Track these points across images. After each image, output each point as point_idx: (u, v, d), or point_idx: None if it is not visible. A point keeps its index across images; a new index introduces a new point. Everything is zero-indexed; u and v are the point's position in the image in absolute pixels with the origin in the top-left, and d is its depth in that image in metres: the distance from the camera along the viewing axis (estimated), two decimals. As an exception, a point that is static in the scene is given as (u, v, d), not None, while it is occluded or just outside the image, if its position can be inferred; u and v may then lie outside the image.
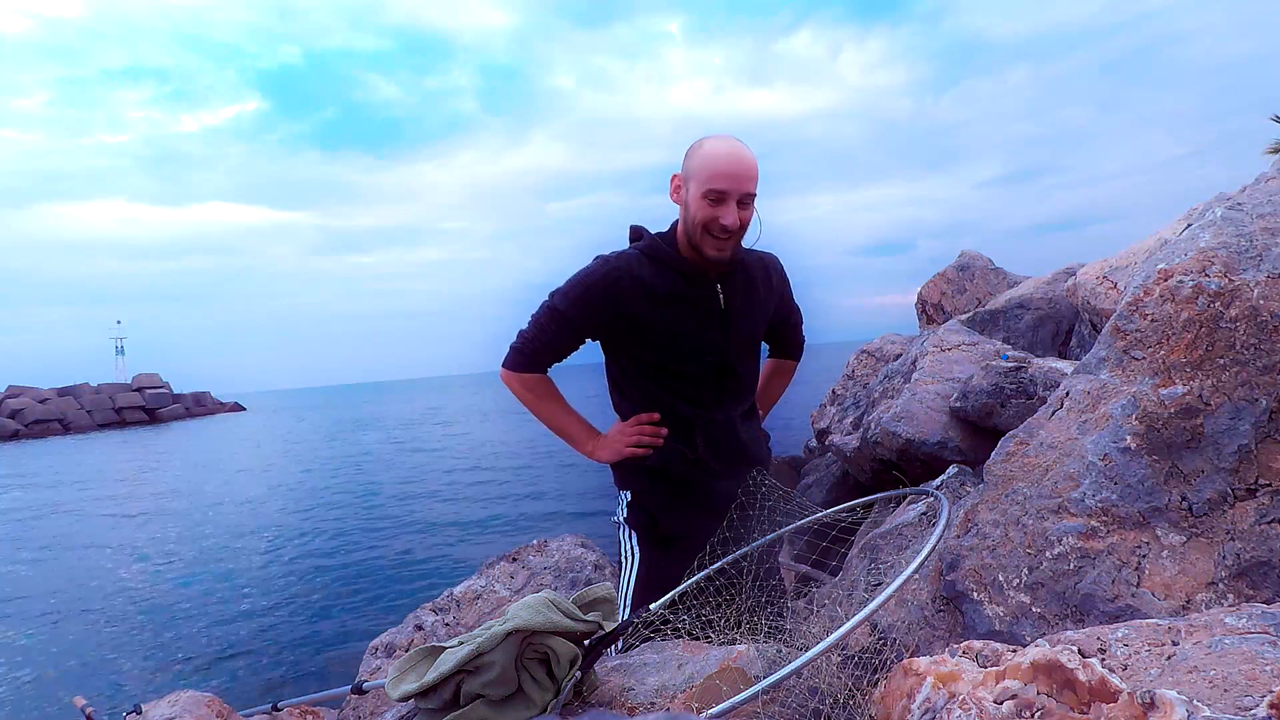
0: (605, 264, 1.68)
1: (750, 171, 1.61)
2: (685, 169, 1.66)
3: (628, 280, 1.65)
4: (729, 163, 1.59)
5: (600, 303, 1.67)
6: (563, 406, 1.83)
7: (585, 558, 2.69)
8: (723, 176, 1.58)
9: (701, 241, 1.63)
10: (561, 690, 1.13)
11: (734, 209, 1.59)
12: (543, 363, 1.78)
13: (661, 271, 1.68)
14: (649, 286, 1.66)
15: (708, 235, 1.62)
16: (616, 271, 1.66)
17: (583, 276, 1.69)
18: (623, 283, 1.65)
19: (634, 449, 1.73)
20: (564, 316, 1.70)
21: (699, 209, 1.60)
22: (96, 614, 7.28)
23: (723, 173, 1.58)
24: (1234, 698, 0.74)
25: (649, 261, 1.69)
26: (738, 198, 1.59)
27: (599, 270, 1.68)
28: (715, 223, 1.59)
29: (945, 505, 1.39)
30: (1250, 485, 1.23)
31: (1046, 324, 4.12)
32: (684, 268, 1.68)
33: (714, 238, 1.61)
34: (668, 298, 1.67)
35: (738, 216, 1.60)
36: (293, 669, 5.49)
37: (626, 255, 1.70)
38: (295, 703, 2.00)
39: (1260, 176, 1.61)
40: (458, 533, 9.97)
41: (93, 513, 13.98)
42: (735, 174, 1.59)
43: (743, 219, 1.62)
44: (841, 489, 4.14)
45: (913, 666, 1.01)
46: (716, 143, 1.62)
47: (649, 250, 1.70)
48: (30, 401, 51.41)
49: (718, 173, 1.58)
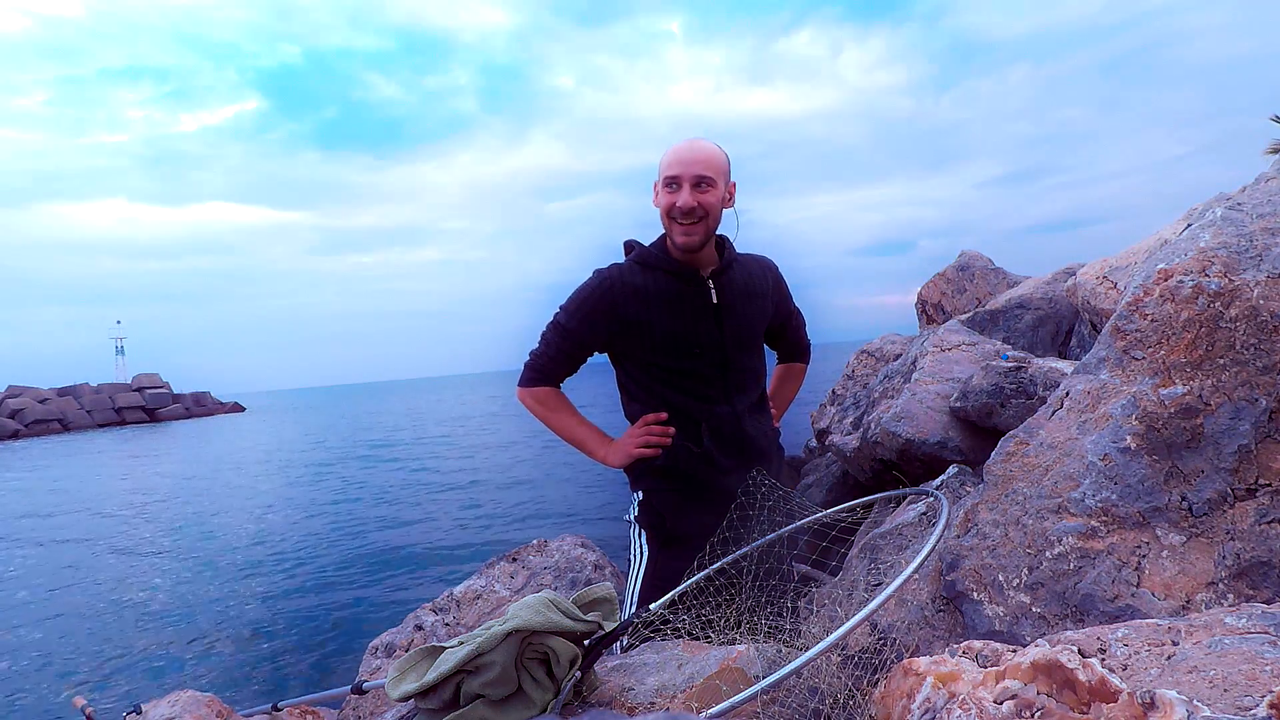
0: (600, 276, 1.80)
1: (702, 155, 1.71)
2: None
3: (620, 287, 1.77)
4: (682, 151, 1.72)
5: (599, 312, 1.78)
6: (574, 416, 1.92)
7: (585, 558, 2.69)
8: (675, 164, 1.71)
9: (671, 230, 1.74)
10: (561, 690, 1.12)
11: (687, 191, 1.69)
12: (554, 377, 1.89)
13: (653, 275, 1.78)
14: (642, 290, 1.76)
15: (672, 222, 1.73)
16: (610, 281, 1.78)
17: (581, 291, 1.81)
18: (616, 290, 1.77)
19: (643, 450, 1.80)
20: (568, 330, 1.82)
21: (661, 200, 1.73)
22: (96, 614, 7.28)
23: (675, 160, 1.71)
24: (1234, 698, 0.74)
25: (640, 268, 1.80)
26: (691, 181, 1.70)
27: (594, 282, 1.80)
28: (673, 206, 1.70)
29: (945, 505, 1.40)
30: (1250, 485, 1.23)
31: (1046, 324, 4.12)
32: (674, 268, 1.78)
33: (678, 223, 1.72)
34: (660, 297, 1.76)
35: (692, 197, 1.69)
36: (293, 669, 5.49)
37: (619, 265, 1.82)
38: (295, 703, 2.00)
39: (1260, 176, 1.61)
40: (458, 532, 9.97)
41: (92, 513, 13.98)
42: (685, 159, 1.71)
43: (702, 201, 1.71)
44: (841, 489, 4.14)
45: (913, 666, 1.01)
46: (676, 142, 1.76)
47: (639, 258, 1.81)
48: (30, 401, 51.42)
49: (672, 160, 1.72)
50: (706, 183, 1.70)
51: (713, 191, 1.71)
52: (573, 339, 1.82)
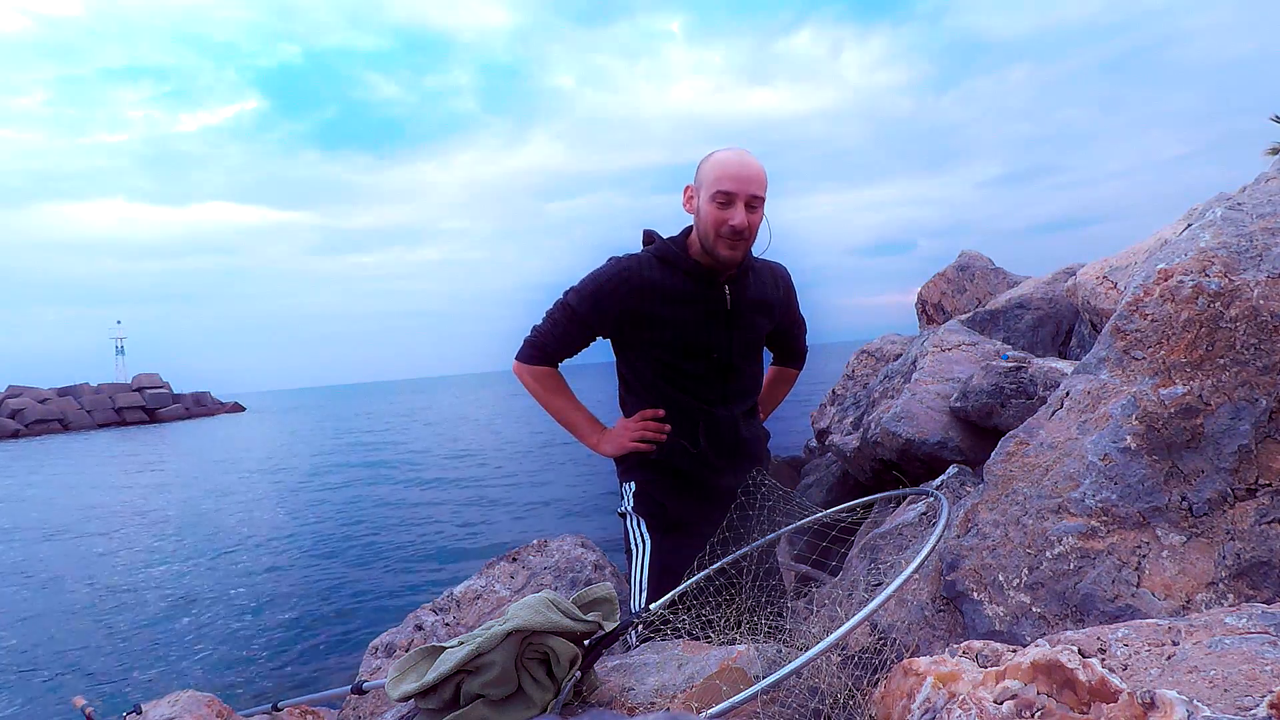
0: (617, 264, 1.78)
1: (756, 175, 1.69)
2: (697, 179, 1.75)
3: (637, 279, 1.75)
4: (736, 168, 1.68)
5: (610, 300, 1.76)
6: (570, 400, 1.91)
7: (585, 558, 2.69)
8: (730, 179, 1.68)
9: (715, 245, 1.71)
10: (561, 690, 1.12)
11: (742, 210, 1.68)
12: (554, 357, 1.87)
13: (670, 272, 1.77)
14: (657, 285, 1.75)
15: (719, 238, 1.70)
16: (627, 271, 1.76)
17: (595, 275, 1.79)
18: (632, 281, 1.75)
19: (638, 444, 1.80)
20: (576, 312, 1.80)
21: (709, 213, 1.69)
22: (96, 613, 7.27)
23: (730, 175, 1.68)
24: (1234, 698, 0.74)
25: (659, 263, 1.78)
26: (745, 200, 1.68)
27: (610, 269, 1.77)
28: (725, 224, 1.68)
29: (945, 505, 1.40)
30: (1250, 485, 1.23)
31: (1046, 324, 4.12)
32: (692, 269, 1.77)
33: (725, 239, 1.69)
34: (675, 296, 1.75)
35: (745, 218, 1.68)
36: (293, 669, 5.49)
37: (638, 256, 1.80)
38: (295, 703, 2.00)
39: (1260, 176, 1.61)
40: (458, 532, 9.97)
41: (92, 512, 13.97)
42: (742, 177, 1.68)
43: (751, 221, 1.70)
44: (841, 489, 4.14)
45: (913, 666, 1.01)
46: (725, 152, 1.72)
47: (659, 252, 1.79)
48: (30, 401, 51.43)
49: (725, 175, 1.68)
50: (758, 202, 1.70)
51: (760, 210, 1.72)
52: (579, 322, 1.80)
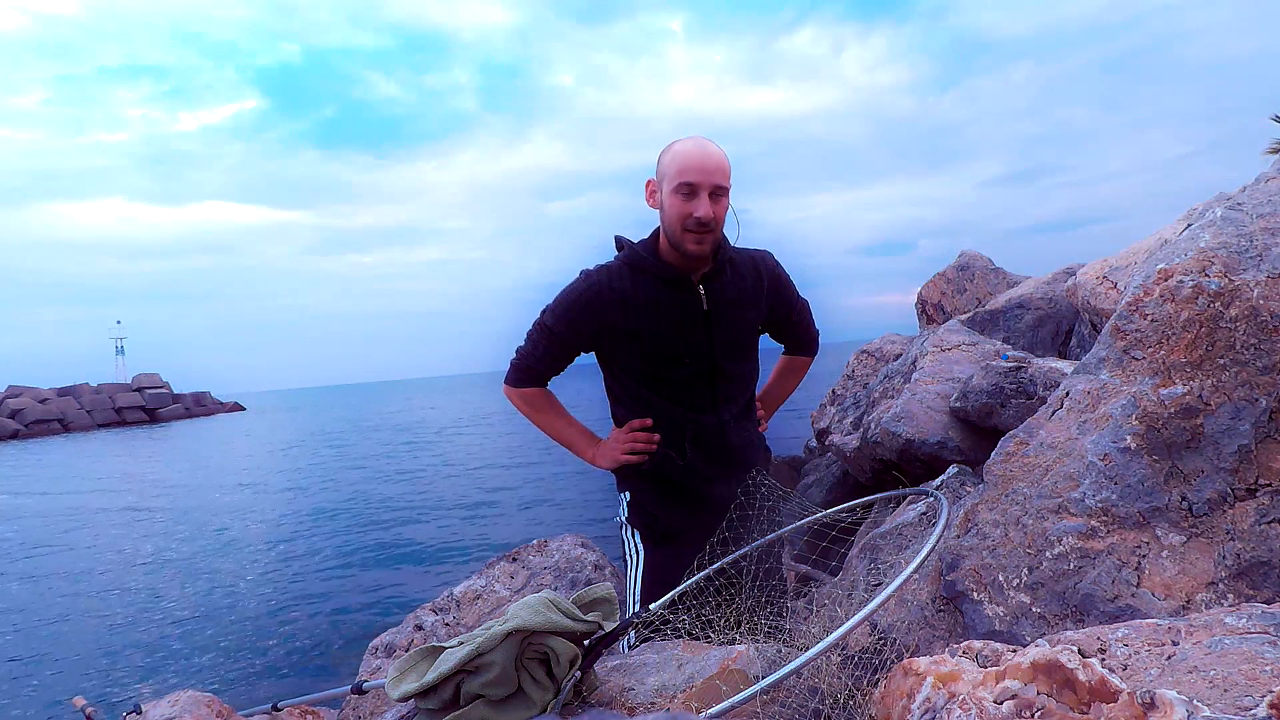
0: (587, 278, 1.75)
1: (719, 164, 1.65)
2: (658, 173, 1.71)
3: (607, 292, 1.72)
4: (698, 158, 1.63)
5: (584, 316, 1.74)
6: (562, 417, 1.90)
7: (585, 558, 2.69)
8: (692, 170, 1.63)
9: (681, 239, 1.66)
10: (561, 690, 1.12)
11: (706, 201, 1.63)
12: (541, 377, 1.86)
13: (642, 279, 1.73)
14: (629, 295, 1.71)
15: (685, 231, 1.65)
16: (597, 285, 1.72)
17: (567, 292, 1.76)
18: (603, 295, 1.72)
19: (628, 457, 1.78)
20: (553, 332, 1.78)
21: (673, 206, 1.65)
22: (96, 614, 7.27)
23: (692, 166, 1.63)
24: (1234, 698, 0.74)
25: (630, 271, 1.74)
26: (709, 190, 1.63)
27: (581, 285, 1.75)
28: (689, 216, 1.63)
29: (945, 505, 1.40)
30: (1250, 485, 1.23)
31: (1046, 324, 4.12)
32: (665, 272, 1.72)
33: (691, 232, 1.65)
34: (648, 304, 1.71)
35: (710, 209, 1.63)
36: (293, 669, 5.49)
37: (607, 267, 1.76)
38: (295, 702, 2.00)
39: (1260, 176, 1.61)
40: (458, 532, 9.97)
41: (91, 512, 13.97)
42: (704, 167, 1.63)
43: (716, 212, 1.65)
44: (841, 489, 4.14)
45: (913, 666, 1.01)
46: (684, 142, 1.68)
47: (629, 259, 1.75)
48: (30, 401, 51.42)
49: (687, 166, 1.63)
50: (722, 192, 1.66)
51: (724, 200, 1.67)
52: (558, 341, 1.79)
